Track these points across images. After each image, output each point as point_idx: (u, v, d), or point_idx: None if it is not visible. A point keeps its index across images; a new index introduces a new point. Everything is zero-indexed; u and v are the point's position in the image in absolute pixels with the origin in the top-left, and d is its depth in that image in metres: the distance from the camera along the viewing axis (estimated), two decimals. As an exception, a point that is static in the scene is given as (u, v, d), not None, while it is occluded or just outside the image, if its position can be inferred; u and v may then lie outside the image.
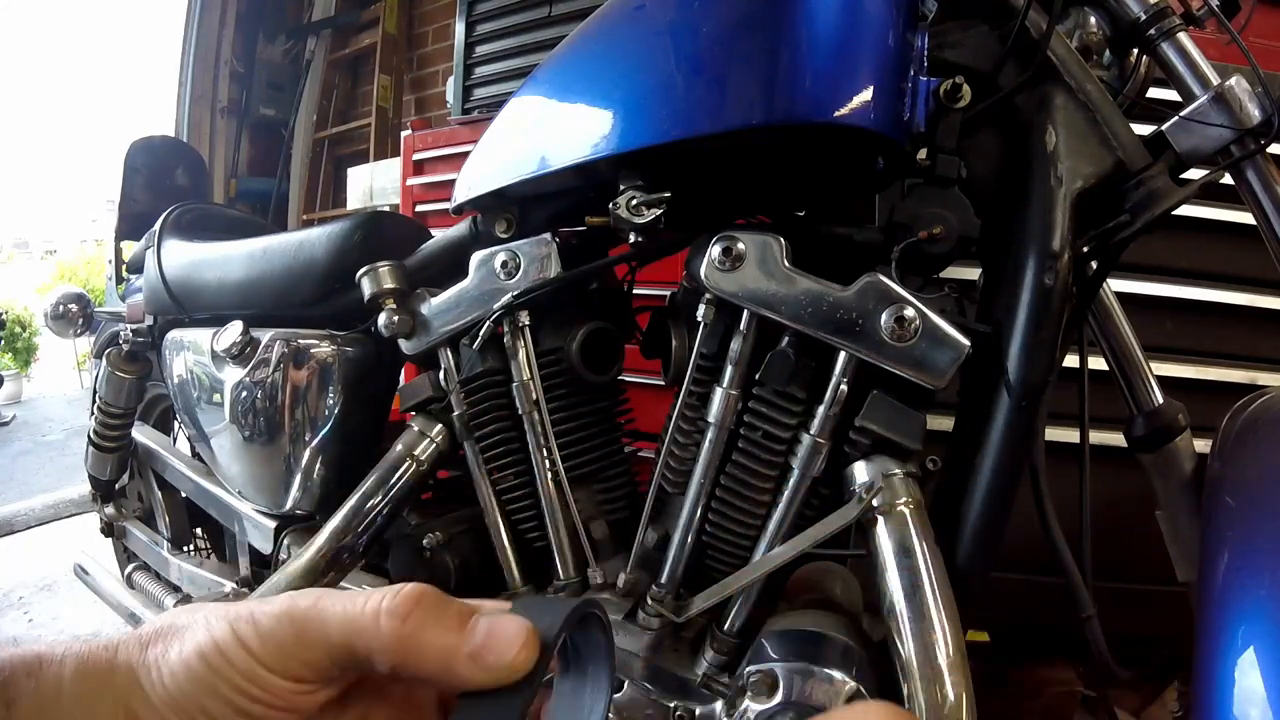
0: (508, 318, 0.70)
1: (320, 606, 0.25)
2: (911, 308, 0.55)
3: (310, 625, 0.25)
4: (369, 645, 0.25)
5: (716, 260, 0.59)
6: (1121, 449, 0.73)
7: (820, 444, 0.59)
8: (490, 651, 0.24)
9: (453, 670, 0.24)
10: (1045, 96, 0.58)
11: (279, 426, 0.90)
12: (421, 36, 3.39)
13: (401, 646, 0.24)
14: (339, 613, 0.25)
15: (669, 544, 0.65)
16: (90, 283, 5.51)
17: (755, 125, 0.54)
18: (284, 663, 0.25)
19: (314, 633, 0.25)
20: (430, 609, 0.25)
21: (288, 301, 0.93)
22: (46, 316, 1.50)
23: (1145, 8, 0.59)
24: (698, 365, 0.63)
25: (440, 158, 2.00)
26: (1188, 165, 0.58)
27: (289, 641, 0.25)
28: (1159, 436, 0.70)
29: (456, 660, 0.24)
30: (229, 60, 3.58)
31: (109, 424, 1.31)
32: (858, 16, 0.54)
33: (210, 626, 0.26)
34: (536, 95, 0.69)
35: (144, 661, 0.25)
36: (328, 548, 0.80)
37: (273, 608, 0.26)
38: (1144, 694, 1.20)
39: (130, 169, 1.43)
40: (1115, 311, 0.73)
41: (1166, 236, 1.14)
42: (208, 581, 1.14)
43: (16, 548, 2.31)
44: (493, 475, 0.76)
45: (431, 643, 0.24)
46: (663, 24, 0.59)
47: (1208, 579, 0.55)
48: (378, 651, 0.25)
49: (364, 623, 0.25)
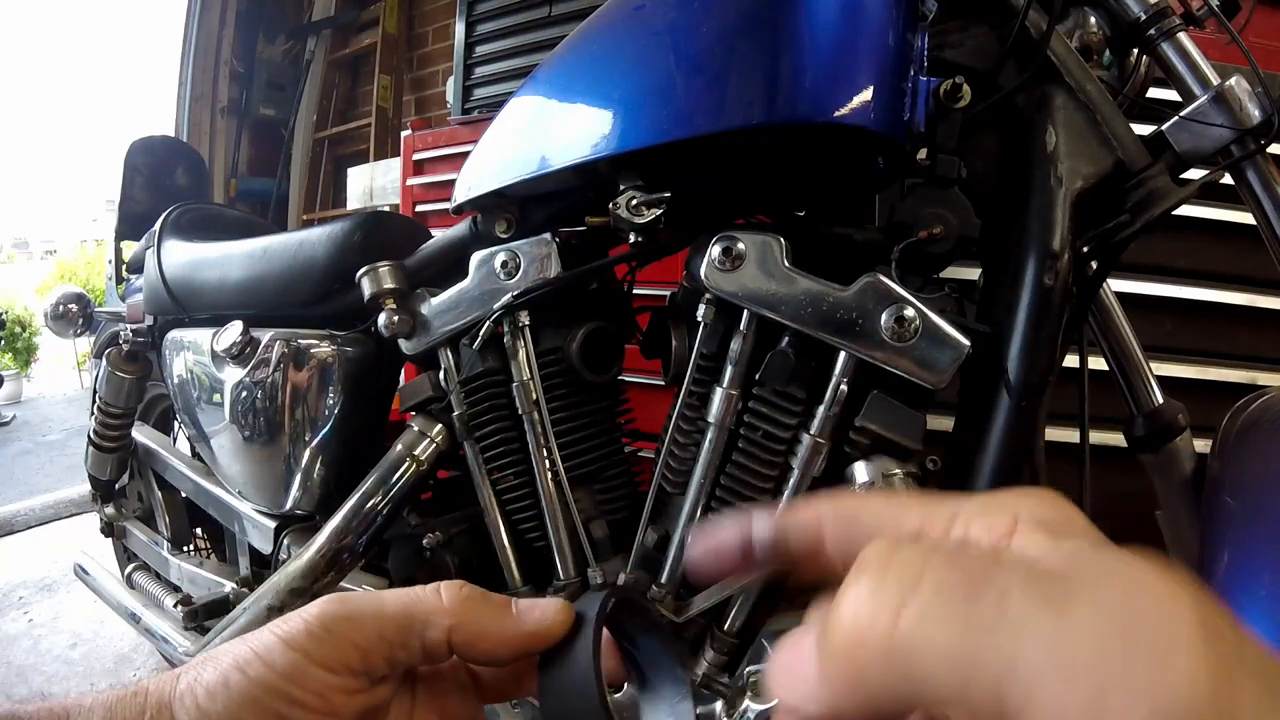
0: (508, 318, 0.70)
1: (373, 593, 0.27)
2: (911, 308, 0.55)
3: (364, 606, 0.27)
4: (427, 614, 0.27)
5: (716, 260, 0.59)
6: (1121, 449, 0.73)
7: (820, 444, 0.59)
8: (536, 608, 0.28)
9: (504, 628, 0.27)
10: (1045, 96, 0.58)
11: (279, 426, 0.90)
12: (421, 36, 3.39)
13: (460, 608, 0.27)
14: (395, 593, 0.27)
15: (669, 544, 0.65)
16: (90, 283, 5.51)
17: (755, 125, 0.54)
18: (333, 650, 0.25)
19: (368, 613, 0.26)
20: (478, 591, 0.28)
21: (288, 301, 0.93)
22: (46, 316, 1.50)
23: (1145, 8, 0.59)
24: (698, 365, 0.63)
25: (440, 158, 1.99)
26: (1188, 165, 0.58)
27: (340, 625, 0.26)
28: (1159, 436, 0.70)
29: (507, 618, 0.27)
30: (229, 60, 3.57)
31: (109, 424, 1.31)
32: (858, 16, 0.54)
33: (249, 640, 0.26)
34: (536, 95, 0.69)
35: (177, 692, 0.25)
36: (328, 548, 0.80)
37: (320, 603, 0.27)
38: (1144, 694, 1.20)
39: (130, 169, 1.43)
40: (1115, 311, 0.73)
41: (1166, 236, 1.14)
42: (208, 581, 1.14)
43: (16, 548, 2.31)
44: (493, 475, 0.76)
45: (484, 606, 0.28)
46: (662, 24, 0.58)
47: (1207, 579, 0.55)
48: (436, 616, 0.27)
49: (423, 594, 0.27)
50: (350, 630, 0.26)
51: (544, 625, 0.27)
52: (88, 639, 1.71)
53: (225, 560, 1.28)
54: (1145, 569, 0.15)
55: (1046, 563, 0.16)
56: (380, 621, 0.26)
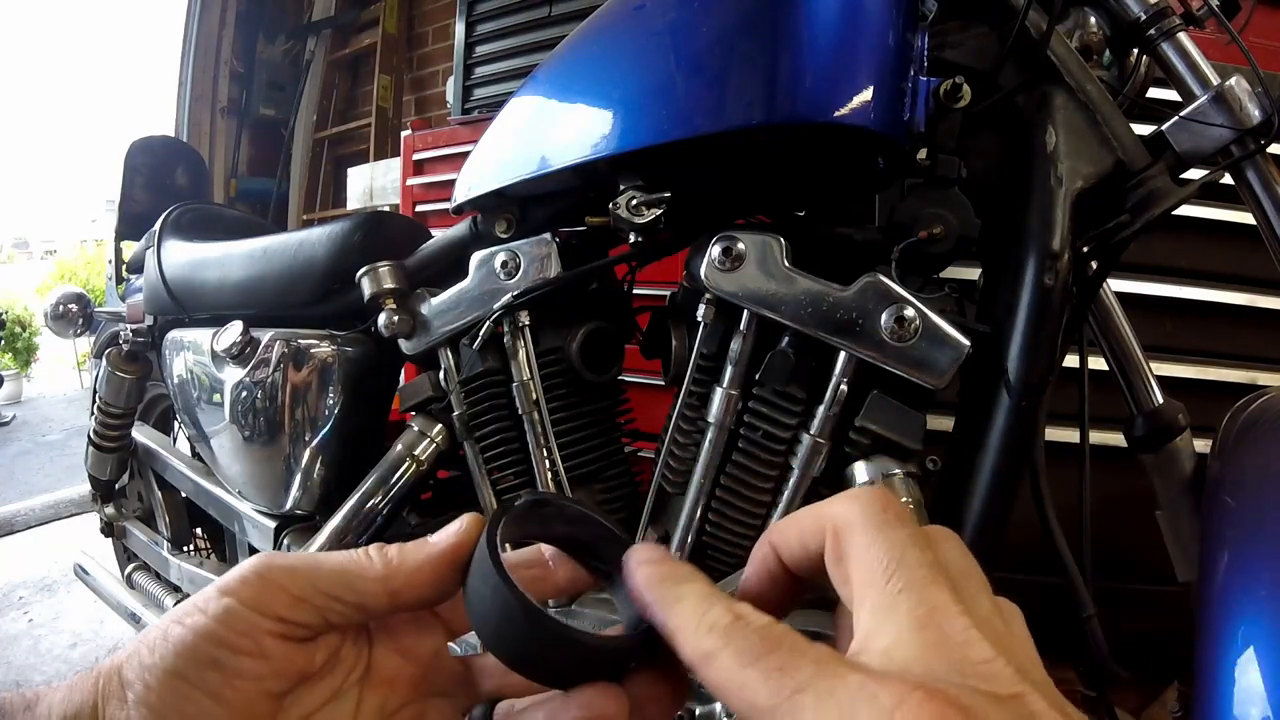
0: (508, 318, 0.70)
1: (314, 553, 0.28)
2: (911, 308, 0.55)
3: (302, 559, 0.28)
4: (360, 569, 0.28)
5: (716, 260, 0.59)
6: (1121, 449, 0.73)
7: (820, 444, 0.59)
8: (445, 530, 0.29)
9: (422, 560, 0.28)
10: (1045, 96, 0.58)
11: (279, 426, 0.90)
12: (421, 36, 3.39)
13: (387, 559, 0.28)
14: (334, 554, 0.28)
15: (669, 544, 0.65)
16: (90, 283, 5.51)
17: (755, 125, 0.54)
18: (262, 593, 0.26)
19: (304, 564, 0.27)
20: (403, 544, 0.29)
21: (288, 301, 0.93)
22: (46, 316, 1.50)
23: (1145, 8, 0.59)
24: (698, 365, 0.63)
25: (440, 158, 1.99)
26: (1188, 165, 0.58)
27: (274, 573, 0.27)
28: (1159, 436, 0.70)
29: (424, 549, 0.28)
30: (229, 60, 3.58)
31: (109, 424, 1.31)
32: (858, 16, 0.54)
33: (193, 597, 0.27)
34: (536, 95, 0.69)
35: (125, 655, 0.26)
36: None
37: (259, 555, 0.28)
38: (1144, 694, 1.20)
39: (130, 169, 1.43)
40: (1115, 311, 0.73)
41: (1166, 236, 1.14)
42: (207, 581, 1.13)
43: (16, 548, 2.31)
44: (493, 475, 0.76)
45: (408, 552, 0.28)
46: (662, 24, 0.58)
47: (1207, 579, 0.55)
48: (368, 569, 0.28)
49: (358, 554, 0.28)
50: (283, 577, 0.26)
51: (455, 539, 0.28)
52: (88, 639, 1.71)
53: (225, 560, 1.28)
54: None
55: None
56: (315, 575, 0.27)
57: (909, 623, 0.20)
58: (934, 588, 0.21)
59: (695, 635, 0.23)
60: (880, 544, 0.23)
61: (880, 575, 0.22)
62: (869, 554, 0.23)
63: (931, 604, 0.21)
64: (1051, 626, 1.11)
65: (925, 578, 0.21)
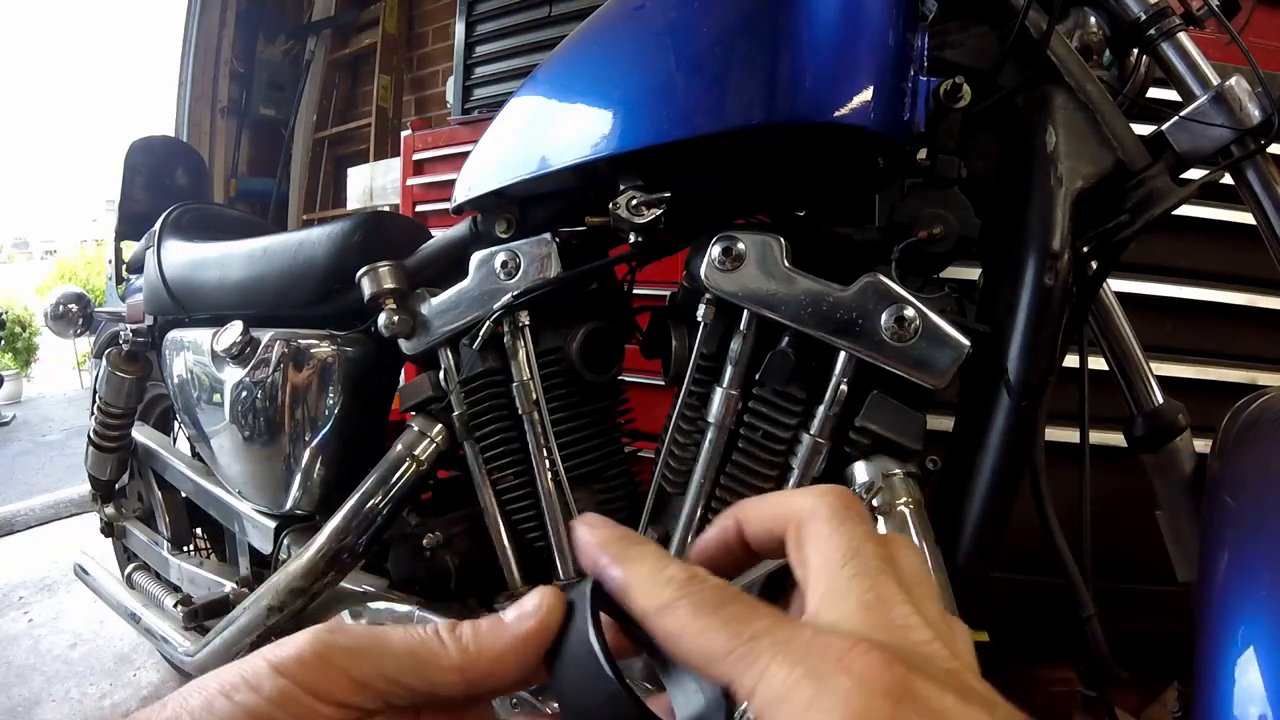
0: (508, 318, 0.70)
1: (376, 629, 0.27)
2: (911, 308, 0.55)
3: (367, 642, 0.26)
4: (433, 657, 0.26)
5: (716, 260, 0.59)
6: (1121, 449, 0.73)
7: (820, 444, 0.59)
8: (522, 610, 0.27)
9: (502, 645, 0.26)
10: (1045, 96, 0.58)
11: (279, 426, 0.90)
12: (421, 36, 3.39)
13: (462, 648, 0.26)
14: (399, 632, 0.26)
15: (669, 544, 0.65)
16: (90, 283, 5.51)
17: (755, 125, 0.54)
18: (323, 679, 0.24)
19: (369, 649, 0.25)
20: (470, 623, 0.27)
21: (288, 301, 0.93)
22: (46, 316, 1.50)
23: (1145, 8, 0.59)
24: (698, 365, 0.63)
25: (440, 158, 1.99)
26: (1188, 165, 0.58)
27: (336, 655, 0.25)
28: (1159, 436, 0.70)
29: (503, 634, 0.26)
30: (229, 60, 3.58)
31: (109, 424, 1.31)
32: (858, 16, 0.54)
33: (238, 665, 0.25)
34: (536, 95, 0.69)
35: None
36: (328, 548, 0.80)
37: (316, 631, 0.26)
38: (1144, 694, 1.20)
39: (130, 169, 1.43)
40: (1115, 311, 0.73)
41: (1166, 236, 1.14)
42: (208, 581, 1.13)
43: (16, 548, 2.31)
44: (493, 475, 0.76)
45: (481, 635, 0.27)
46: (662, 24, 0.58)
47: (1207, 579, 0.55)
48: (442, 659, 0.26)
49: (428, 636, 0.26)
50: (344, 659, 0.25)
51: (538, 623, 0.27)
52: (88, 639, 1.71)
53: (225, 560, 1.28)
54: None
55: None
56: (381, 659, 0.25)
57: (857, 606, 0.22)
58: (884, 578, 0.23)
59: (653, 586, 0.24)
60: (841, 535, 0.24)
61: (836, 562, 0.23)
62: (829, 543, 0.24)
63: (880, 592, 0.22)
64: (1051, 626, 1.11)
65: (878, 569, 0.23)
